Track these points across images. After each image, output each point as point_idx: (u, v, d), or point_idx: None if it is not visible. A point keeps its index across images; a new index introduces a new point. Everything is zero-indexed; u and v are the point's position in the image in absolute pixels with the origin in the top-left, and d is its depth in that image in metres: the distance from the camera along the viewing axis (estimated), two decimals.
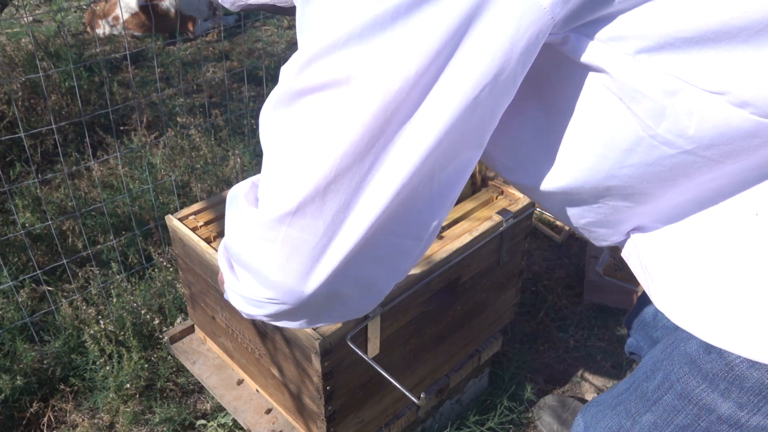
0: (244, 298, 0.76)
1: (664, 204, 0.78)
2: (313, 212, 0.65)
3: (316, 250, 0.67)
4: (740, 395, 0.80)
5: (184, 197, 2.60)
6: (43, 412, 1.90)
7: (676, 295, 0.80)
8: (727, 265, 0.75)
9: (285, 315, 0.76)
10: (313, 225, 0.65)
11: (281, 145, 0.66)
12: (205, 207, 1.56)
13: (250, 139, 2.99)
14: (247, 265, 0.73)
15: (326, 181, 0.63)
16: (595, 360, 2.12)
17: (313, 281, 0.69)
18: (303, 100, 0.63)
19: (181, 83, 3.51)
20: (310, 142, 0.63)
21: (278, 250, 0.68)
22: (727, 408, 0.82)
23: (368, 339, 1.30)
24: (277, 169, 0.66)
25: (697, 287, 0.78)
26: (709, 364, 0.82)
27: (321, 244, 0.67)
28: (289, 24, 4.59)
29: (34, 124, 2.97)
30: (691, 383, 0.86)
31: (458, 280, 1.48)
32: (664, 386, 0.91)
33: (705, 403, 0.85)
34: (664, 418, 0.91)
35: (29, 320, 1.99)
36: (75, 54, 3.57)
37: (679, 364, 0.87)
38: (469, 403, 1.88)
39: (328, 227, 0.66)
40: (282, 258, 0.68)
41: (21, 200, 2.48)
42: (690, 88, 0.63)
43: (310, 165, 0.63)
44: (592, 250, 2.41)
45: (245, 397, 1.55)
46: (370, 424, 1.48)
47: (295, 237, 0.66)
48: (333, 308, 0.76)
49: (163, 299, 2.11)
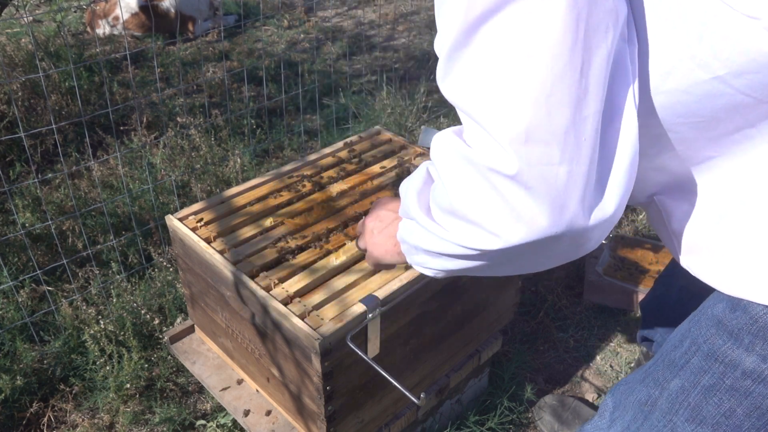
0: (456, 252, 0.73)
1: (687, 162, 0.80)
2: (545, 135, 0.61)
3: (573, 175, 0.63)
4: (763, 347, 0.82)
5: (184, 197, 2.60)
6: (43, 412, 1.90)
7: (700, 252, 0.84)
8: (747, 220, 0.78)
9: (504, 262, 0.72)
10: (552, 149, 0.61)
11: (477, 87, 0.63)
12: (205, 207, 1.56)
13: (250, 139, 2.99)
14: (479, 215, 0.67)
15: (544, 95, 0.60)
16: (595, 360, 2.12)
17: (596, 208, 0.66)
18: (481, 30, 0.61)
19: (181, 83, 3.51)
20: (509, 65, 0.60)
21: (521, 191, 0.63)
22: (751, 362, 0.84)
23: (368, 339, 1.30)
24: (485, 112, 0.63)
25: (720, 243, 0.81)
26: (734, 321, 0.84)
27: (579, 170, 0.63)
28: (289, 24, 4.59)
29: (34, 124, 2.97)
30: (717, 342, 0.88)
31: (458, 280, 1.48)
32: (691, 350, 0.93)
33: (730, 359, 0.87)
34: (691, 381, 0.93)
35: (29, 320, 1.99)
36: (75, 54, 3.57)
37: (706, 327, 0.89)
38: (469, 403, 1.88)
39: (567, 143, 0.61)
40: (531, 199, 0.63)
41: (21, 200, 2.48)
42: (729, 11, 0.65)
43: (519, 88, 0.60)
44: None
45: (245, 397, 1.55)
46: (370, 424, 1.48)
47: (538, 171, 0.62)
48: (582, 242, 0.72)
49: (163, 299, 2.11)
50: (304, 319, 1.24)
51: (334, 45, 4.23)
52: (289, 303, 1.28)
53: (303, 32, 4.53)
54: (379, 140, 1.85)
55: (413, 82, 3.63)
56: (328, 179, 1.67)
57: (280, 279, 1.34)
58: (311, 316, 1.25)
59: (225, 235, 1.47)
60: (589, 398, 2.00)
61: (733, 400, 0.89)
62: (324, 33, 4.46)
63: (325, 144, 3.02)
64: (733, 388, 0.89)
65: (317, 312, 1.26)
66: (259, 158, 2.96)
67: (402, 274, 1.34)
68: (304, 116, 3.33)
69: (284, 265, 1.38)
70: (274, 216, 1.53)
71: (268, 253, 1.41)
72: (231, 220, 1.51)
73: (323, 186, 1.65)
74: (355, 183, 1.66)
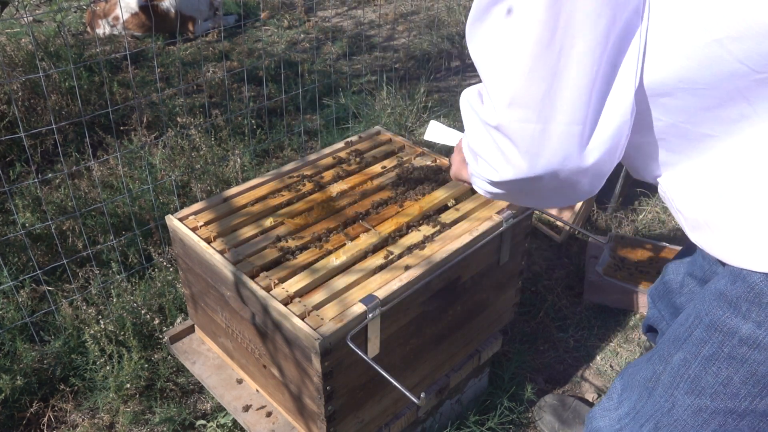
0: (484, 180, 0.93)
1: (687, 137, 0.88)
2: (526, 100, 0.80)
3: (540, 132, 0.81)
4: (759, 313, 0.87)
5: (184, 197, 2.60)
6: (43, 412, 1.90)
7: (704, 228, 0.91)
8: (745, 197, 0.85)
9: (515, 192, 0.93)
10: (530, 111, 0.80)
11: (485, 57, 0.83)
12: (205, 207, 1.56)
13: (250, 139, 2.99)
14: (484, 153, 0.89)
15: (527, 70, 0.78)
16: (595, 360, 2.12)
17: (575, 158, 0.83)
18: (493, 11, 0.79)
19: (181, 83, 3.51)
20: (504, 45, 0.79)
21: (502, 140, 0.84)
22: (747, 329, 0.89)
23: (368, 339, 1.30)
24: (487, 78, 0.83)
25: (721, 220, 0.88)
26: (734, 291, 0.90)
27: (546, 127, 0.81)
28: (289, 24, 4.59)
29: (34, 124, 2.97)
30: (717, 313, 0.93)
31: (458, 280, 1.48)
32: (694, 324, 0.98)
33: (728, 328, 0.92)
34: (692, 353, 0.98)
35: (29, 320, 1.99)
36: (75, 54, 3.57)
37: (709, 301, 0.94)
38: (469, 403, 1.88)
39: (543, 107, 0.79)
40: (510, 145, 0.84)
41: (21, 200, 2.48)
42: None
43: (509, 63, 0.79)
44: (592, 250, 2.41)
45: (245, 397, 1.55)
46: (370, 424, 1.48)
47: (516, 127, 0.82)
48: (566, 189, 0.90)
49: (163, 299, 2.11)
50: (304, 319, 1.24)
51: (334, 45, 4.23)
52: (289, 303, 1.28)
53: (303, 32, 4.53)
54: (379, 140, 1.86)
55: (413, 82, 3.63)
56: (328, 179, 1.67)
57: (280, 279, 1.34)
58: (311, 316, 1.25)
59: (225, 235, 1.47)
60: (590, 398, 2.00)
61: (730, 368, 0.93)
62: (324, 33, 4.46)
63: (325, 144, 3.02)
64: (730, 356, 0.92)
65: (317, 312, 1.26)
66: (259, 158, 2.95)
67: (402, 274, 1.34)
68: (304, 116, 3.33)
69: (284, 265, 1.38)
70: (274, 216, 1.53)
71: (268, 253, 1.41)
72: (231, 220, 1.51)
73: (323, 186, 1.65)
74: (355, 183, 1.66)
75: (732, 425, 0.96)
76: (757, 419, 0.94)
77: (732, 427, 0.96)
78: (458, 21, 4.51)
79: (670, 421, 1.02)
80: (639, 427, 1.08)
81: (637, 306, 2.27)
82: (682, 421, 1.01)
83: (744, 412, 0.94)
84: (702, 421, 0.98)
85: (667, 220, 2.66)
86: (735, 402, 0.94)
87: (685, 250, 1.36)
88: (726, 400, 0.94)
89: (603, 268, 2.30)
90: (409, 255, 1.40)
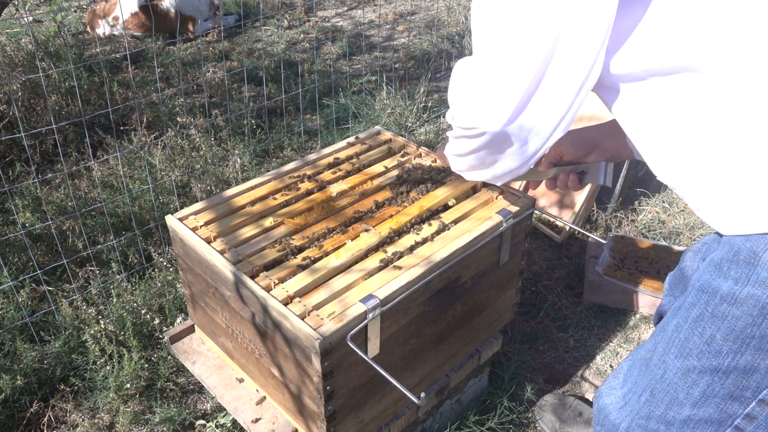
0: (456, 129, 1.08)
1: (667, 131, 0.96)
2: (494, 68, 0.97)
3: None
4: (737, 270, 0.93)
5: (184, 197, 2.60)
6: (43, 412, 1.90)
7: (700, 200, 0.98)
8: (726, 170, 0.92)
9: (485, 146, 1.07)
10: (497, 76, 0.97)
11: (477, 27, 0.99)
12: (205, 207, 1.56)
13: (250, 139, 2.99)
14: (461, 100, 1.04)
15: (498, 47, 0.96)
16: (595, 360, 2.12)
17: (515, 118, 0.99)
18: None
19: (181, 83, 3.51)
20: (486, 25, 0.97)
21: (480, 91, 1.00)
22: (727, 287, 0.94)
23: (368, 339, 1.30)
24: (475, 46, 1.00)
25: (707, 192, 0.96)
26: (721, 255, 0.95)
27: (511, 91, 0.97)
28: (289, 24, 4.59)
29: (34, 124, 2.97)
30: (705, 277, 0.98)
31: (458, 280, 1.48)
32: (688, 291, 1.02)
33: (712, 288, 0.96)
34: (684, 317, 1.02)
35: (29, 320, 1.99)
36: (75, 54, 3.57)
37: (702, 269, 1.00)
38: (469, 403, 1.88)
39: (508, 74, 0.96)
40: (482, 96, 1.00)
41: (21, 200, 2.48)
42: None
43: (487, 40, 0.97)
44: (592, 250, 2.41)
45: (245, 397, 1.55)
46: (370, 424, 1.48)
47: (490, 84, 0.98)
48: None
49: (163, 299, 2.11)
50: (304, 319, 1.24)
51: (334, 45, 4.23)
52: (289, 303, 1.28)
53: (303, 32, 4.53)
54: (379, 140, 1.85)
55: (413, 82, 3.63)
56: (328, 179, 1.67)
57: (280, 279, 1.34)
58: (311, 316, 1.25)
59: (225, 235, 1.47)
60: (590, 398, 2.00)
61: (713, 327, 0.97)
62: (324, 33, 4.46)
63: (325, 144, 3.02)
64: (713, 315, 0.96)
65: (317, 312, 1.26)
66: (259, 158, 2.96)
67: (402, 274, 1.34)
68: (304, 116, 3.33)
69: (284, 265, 1.38)
70: (274, 216, 1.53)
71: (268, 253, 1.41)
72: (231, 220, 1.51)
73: (323, 186, 1.65)
74: (355, 183, 1.66)
75: (719, 384, 0.99)
76: (740, 377, 0.97)
77: (719, 386, 0.99)
78: (458, 21, 4.51)
79: (663, 386, 1.06)
80: (638, 398, 1.12)
81: (637, 306, 2.27)
82: (673, 384, 1.04)
83: (728, 370, 0.97)
84: (691, 382, 1.02)
85: (668, 220, 2.66)
86: (718, 359, 0.97)
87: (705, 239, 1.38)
88: (710, 358, 0.98)
89: (603, 268, 2.30)
90: (409, 255, 1.40)
